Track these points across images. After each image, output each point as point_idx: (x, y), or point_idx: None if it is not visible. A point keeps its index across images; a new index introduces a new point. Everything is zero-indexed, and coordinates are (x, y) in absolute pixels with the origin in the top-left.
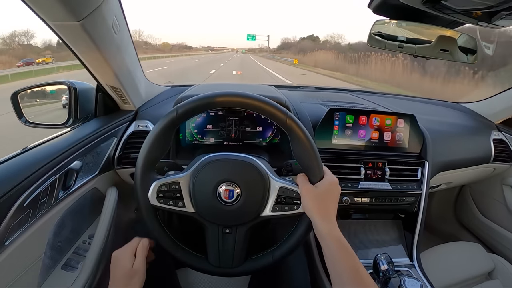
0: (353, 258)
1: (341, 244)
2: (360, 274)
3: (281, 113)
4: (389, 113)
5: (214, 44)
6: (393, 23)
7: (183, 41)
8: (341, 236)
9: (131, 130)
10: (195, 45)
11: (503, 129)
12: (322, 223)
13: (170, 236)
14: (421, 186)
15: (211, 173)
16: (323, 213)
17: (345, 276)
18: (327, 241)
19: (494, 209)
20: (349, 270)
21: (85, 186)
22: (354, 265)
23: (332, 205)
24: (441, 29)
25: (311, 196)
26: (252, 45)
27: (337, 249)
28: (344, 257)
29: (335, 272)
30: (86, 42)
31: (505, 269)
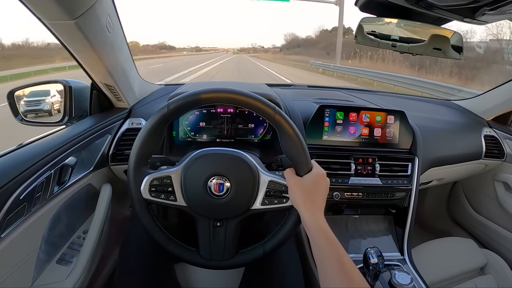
0: (338, 249)
1: (326, 235)
2: (344, 264)
3: (270, 109)
4: (379, 109)
5: (204, 44)
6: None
7: (163, 41)
8: (327, 227)
9: (125, 127)
10: (182, 45)
11: (494, 126)
12: (308, 214)
13: (162, 230)
14: (411, 181)
15: (202, 167)
16: (309, 205)
17: (330, 266)
18: (312, 232)
19: (486, 205)
20: (333, 260)
21: (80, 182)
22: (338, 255)
23: (319, 197)
24: (432, 27)
25: (298, 188)
26: (245, 44)
27: (322, 240)
28: (328, 248)
29: (320, 262)
30: (81, 40)
31: (497, 264)
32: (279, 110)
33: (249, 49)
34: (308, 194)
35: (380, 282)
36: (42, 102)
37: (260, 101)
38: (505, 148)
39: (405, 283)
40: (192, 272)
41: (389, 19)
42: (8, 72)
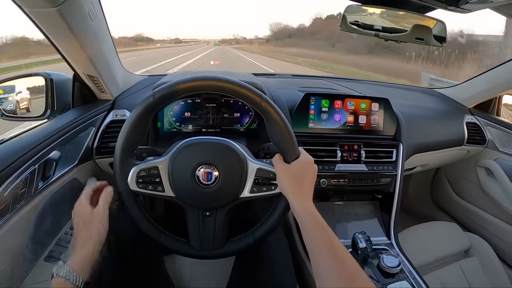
0: (328, 234)
1: (316, 220)
2: (335, 248)
3: (257, 96)
4: (364, 97)
5: (184, 35)
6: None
7: (140, 32)
8: (316, 212)
9: (109, 120)
10: (161, 37)
11: (476, 113)
12: (296, 201)
13: (152, 221)
14: (396, 167)
15: (189, 157)
16: (298, 192)
17: (320, 251)
18: (302, 218)
19: (468, 190)
20: (324, 245)
21: (64, 176)
22: (329, 240)
23: (307, 183)
24: (415, 16)
25: (286, 175)
26: (226, 35)
27: (312, 225)
28: (319, 233)
29: (311, 247)
30: (63, 29)
31: (481, 246)
32: (266, 97)
33: (231, 40)
34: (296, 181)
35: (369, 266)
36: (5, 100)
37: (247, 89)
38: (486, 134)
39: (393, 266)
40: (182, 263)
41: (373, 10)
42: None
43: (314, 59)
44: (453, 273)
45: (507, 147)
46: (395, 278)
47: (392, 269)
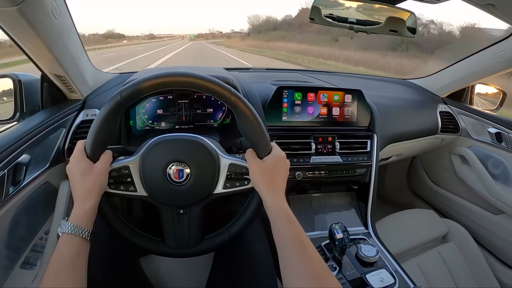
0: (299, 231)
1: (286, 215)
2: (304, 245)
3: (225, 90)
4: (337, 89)
5: (159, 31)
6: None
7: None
8: (287, 207)
9: (79, 120)
10: (135, 33)
11: (449, 102)
12: (268, 195)
13: (126, 222)
14: (371, 157)
15: (160, 155)
16: (270, 186)
17: (290, 247)
18: (273, 214)
19: (444, 177)
20: (294, 241)
21: (36, 180)
22: (298, 236)
23: (279, 178)
24: (388, 10)
25: (258, 170)
26: (201, 30)
27: (283, 221)
28: (288, 228)
29: (280, 243)
30: (25, 28)
31: (458, 232)
32: (234, 92)
33: (207, 34)
34: (269, 176)
35: (347, 256)
36: None
37: (215, 83)
38: (460, 123)
39: (371, 255)
40: (160, 263)
41: (349, 4)
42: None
43: (327, 60)
44: (431, 259)
45: (481, 135)
46: (374, 267)
47: (370, 258)
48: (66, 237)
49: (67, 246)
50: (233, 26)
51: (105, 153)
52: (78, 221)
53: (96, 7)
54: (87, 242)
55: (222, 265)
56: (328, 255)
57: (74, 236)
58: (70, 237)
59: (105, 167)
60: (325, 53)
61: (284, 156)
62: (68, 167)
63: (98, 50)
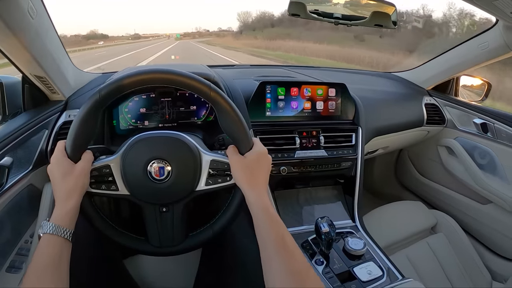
0: (280, 227)
1: (268, 213)
2: (286, 243)
3: (205, 86)
4: (320, 83)
5: (144, 30)
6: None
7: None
8: (269, 205)
9: (62, 121)
10: (119, 33)
11: (434, 94)
12: (250, 192)
13: (108, 222)
14: (356, 150)
15: (140, 152)
16: (252, 183)
17: (271, 244)
18: (255, 210)
19: (431, 169)
20: (275, 238)
21: (19, 183)
22: (280, 233)
23: (261, 175)
24: (372, 4)
25: (240, 166)
26: (188, 29)
27: (264, 217)
28: (270, 225)
29: (262, 240)
30: (2, 29)
31: (446, 222)
32: (214, 87)
33: (193, 33)
34: (250, 172)
35: (335, 249)
36: None
37: (194, 79)
38: (445, 114)
39: (358, 248)
40: (145, 264)
41: (337, 0)
42: None
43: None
44: (421, 250)
45: (466, 126)
46: (361, 259)
47: (357, 251)
48: (47, 237)
49: (48, 246)
50: (219, 25)
51: (86, 153)
52: (60, 221)
53: (78, 7)
54: (69, 242)
55: (209, 263)
56: (315, 249)
57: (56, 237)
58: (52, 237)
59: (86, 167)
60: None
61: (265, 152)
62: (49, 167)
63: (79, 52)
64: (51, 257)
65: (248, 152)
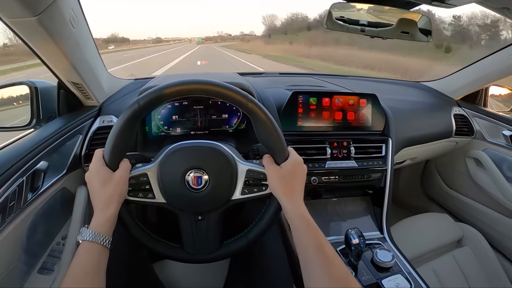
0: (318, 234)
1: (306, 221)
2: (325, 250)
3: (242, 97)
4: (351, 93)
5: (166, 34)
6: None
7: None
8: (307, 213)
9: (96, 126)
10: (141, 37)
11: (463, 105)
12: (287, 201)
13: (144, 229)
14: (386, 162)
15: (178, 162)
16: (288, 192)
17: (310, 252)
18: (292, 219)
19: (459, 180)
20: (314, 245)
21: (53, 186)
22: (318, 240)
23: (297, 184)
24: (401, 11)
25: (277, 176)
26: (209, 33)
27: (302, 225)
28: (309, 233)
29: (301, 248)
30: (44, 37)
31: (473, 236)
32: (251, 98)
33: (215, 37)
34: (287, 182)
35: (363, 261)
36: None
37: (232, 90)
38: (474, 125)
39: (387, 260)
40: (174, 268)
41: (360, 6)
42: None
43: None
44: (446, 263)
45: (495, 138)
46: (389, 272)
47: (386, 263)
48: (86, 244)
49: (88, 253)
50: (241, 29)
51: (123, 161)
52: (99, 229)
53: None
54: (107, 250)
55: (238, 270)
56: (344, 260)
57: (95, 244)
58: (91, 245)
59: (124, 175)
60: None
61: (301, 161)
62: (87, 175)
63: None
64: (90, 264)
65: (284, 162)
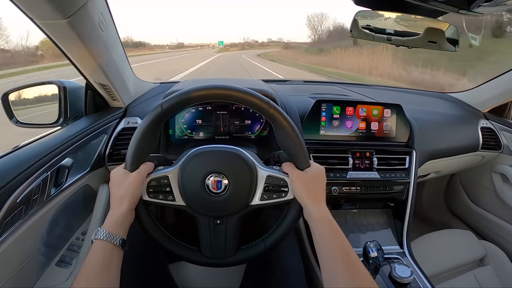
0: (344, 242)
1: (333, 227)
2: (350, 257)
3: (264, 103)
4: (376, 103)
5: (189, 39)
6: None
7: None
8: (332, 219)
9: (121, 127)
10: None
11: (490, 118)
12: (313, 206)
13: (163, 230)
14: (409, 174)
15: (199, 165)
16: (314, 197)
17: (335, 257)
18: (318, 224)
19: (484, 196)
20: (340, 253)
21: (77, 183)
22: (345, 248)
23: (321, 190)
24: (428, 20)
25: (302, 181)
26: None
27: (329, 232)
28: (335, 240)
29: (325, 254)
30: (74, 39)
31: (496, 255)
32: (273, 104)
33: (242, 44)
34: (311, 187)
35: (381, 275)
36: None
37: (254, 96)
38: (501, 139)
39: (405, 276)
40: (190, 272)
41: (388, 14)
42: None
43: None
44: (467, 283)
45: None
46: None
47: (404, 279)
48: (98, 243)
49: (99, 252)
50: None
51: (144, 164)
52: (111, 227)
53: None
54: (120, 249)
55: (254, 277)
56: None
57: (107, 243)
58: (103, 244)
59: (139, 177)
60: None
61: (323, 170)
62: (112, 172)
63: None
64: (101, 262)
65: (308, 168)
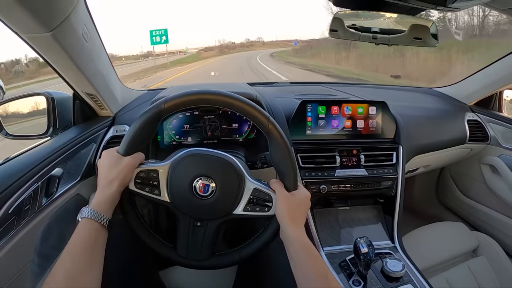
0: (322, 264)
1: (310, 251)
2: (328, 279)
3: (263, 117)
4: (361, 101)
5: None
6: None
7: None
8: (310, 242)
9: (109, 135)
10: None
11: (476, 110)
12: (292, 228)
13: (143, 222)
14: (397, 170)
15: (190, 166)
16: (294, 220)
17: (313, 281)
18: (295, 246)
19: (474, 188)
20: (318, 276)
21: (68, 192)
22: (323, 271)
23: (303, 214)
24: (410, 17)
25: (287, 202)
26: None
27: (306, 255)
28: (313, 263)
29: (303, 277)
30: (58, 51)
31: (489, 245)
32: (273, 121)
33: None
34: (295, 209)
35: (373, 271)
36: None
37: (256, 109)
38: (488, 131)
39: (397, 270)
40: (181, 277)
41: (370, 14)
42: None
43: None
44: (461, 274)
45: (511, 143)
46: (399, 282)
47: (396, 273)
48: (84, 221)
49: (85, 229)
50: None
51: (139, 153)
52: (98, 207)
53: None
54: (105, 229)
55: (246, 278)
56: (353, 270)
57: (93, 221)
58: (88, 222)
59: (132, 162)
60: None
61: (309, 196)
62: (99, 160)
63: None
64: (87, 240)
65: (296, 191)
